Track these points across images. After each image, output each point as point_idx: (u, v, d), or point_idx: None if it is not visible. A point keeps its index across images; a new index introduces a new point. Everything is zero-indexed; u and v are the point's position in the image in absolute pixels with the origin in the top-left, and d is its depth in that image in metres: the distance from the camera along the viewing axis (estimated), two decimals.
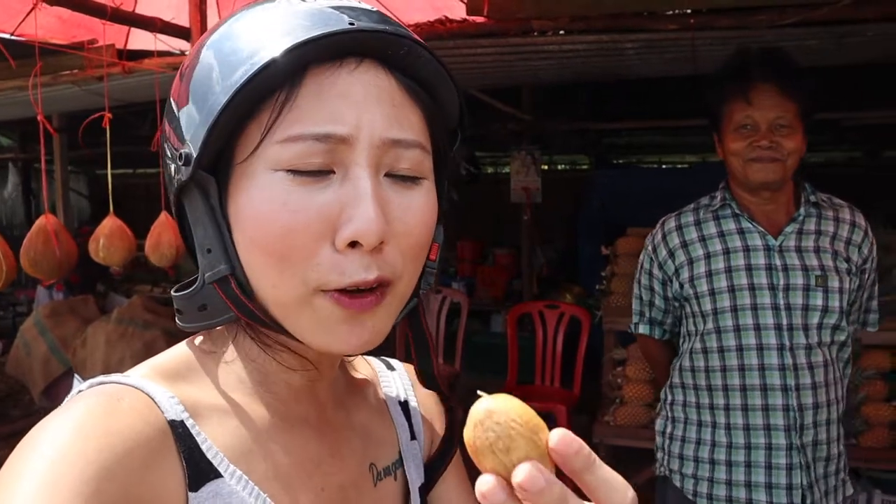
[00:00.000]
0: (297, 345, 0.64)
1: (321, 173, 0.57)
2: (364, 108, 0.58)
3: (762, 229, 1.84)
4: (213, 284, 0.62)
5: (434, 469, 0.80)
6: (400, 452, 0.78)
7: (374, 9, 0.62)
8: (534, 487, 0.39)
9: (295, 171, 0.57)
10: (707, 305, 1.84)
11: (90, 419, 0.55)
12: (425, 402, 0.85)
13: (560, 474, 0.42)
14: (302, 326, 0.61)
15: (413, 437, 0.81)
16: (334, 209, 0.57)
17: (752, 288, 1.80)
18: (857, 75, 3.88)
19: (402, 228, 0.60)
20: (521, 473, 0.40)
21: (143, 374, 0.63)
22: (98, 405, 0.56)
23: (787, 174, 1.79)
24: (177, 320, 0.67)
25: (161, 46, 3.11)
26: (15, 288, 7.41)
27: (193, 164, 0.58)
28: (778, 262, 1.81)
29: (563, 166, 10.01)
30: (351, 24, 0.57)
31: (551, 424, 0.42)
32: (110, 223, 2.93)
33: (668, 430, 1.98)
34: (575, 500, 0.41)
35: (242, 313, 0.62)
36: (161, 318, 5.04)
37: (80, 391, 0.60)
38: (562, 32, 2.98)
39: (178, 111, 0.61)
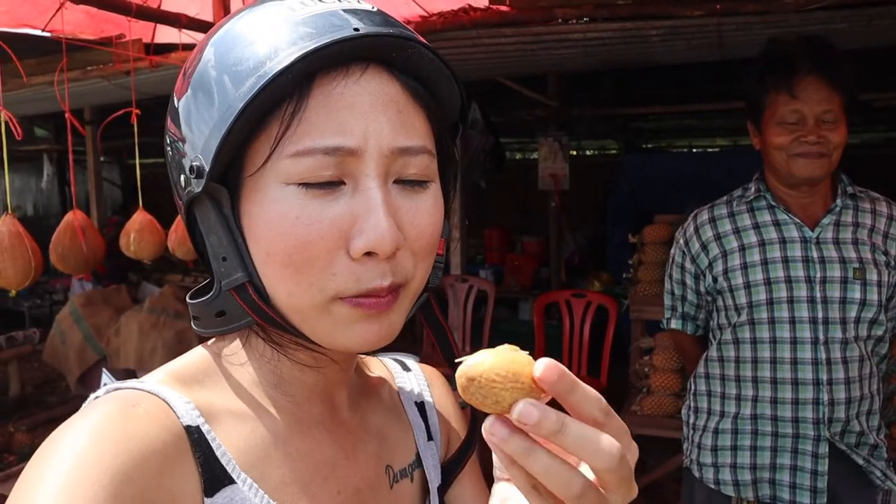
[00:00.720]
0: (312, 345, 0.65)
1: (332, 185, 0.58)
2: (371, 117, 0.58)
3: (798, 221, 1.81)
4: (230, 291, 0.62)
5: (451, 470, 0.81)
6: (417, 454, 0.78)
7: (376, 9, 0.61)
8: (530, 420, 0.45)
9: (306, 185, 0.57)
10: (742, 299, 1.81)
11: (107, 425, 0.55)
12: (442, 402, 0.85)
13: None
14: (319, 330, 0.62)
15: (430, 437, 0.81)
16: (347, 220, 0.58)
17: (789, 280, 1.77)
18: (886, 55, 3.78)
19: (414, 232, 0.61)
20: (516, 413, 0.46)
21: (159, 379, 0.63)
22: (114, 411, 0.57)
23: (831, 168, 1.75)
24: (193, 326, 0.68)
25: (186, 40, 3.14)
26: (50, 277, 7.59)
27: (206, 177, 0.58)
28: (815, 254, 1.78)
29: (591, 152, 9.92)
30: (356, 29, 0.57)
31: None
32: (140, 218, 2.98)
33: (692, 420, 1.97)
34: (573, 421, 0.47)
35: (261, 318, 0.63)
36: None
37: (96, 397, 0.61)
38: (585, 20, 2.94)
39: (183, 111, 0.61)
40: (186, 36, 3.19)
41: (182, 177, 0.61)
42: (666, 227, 3.92)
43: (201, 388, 0.64)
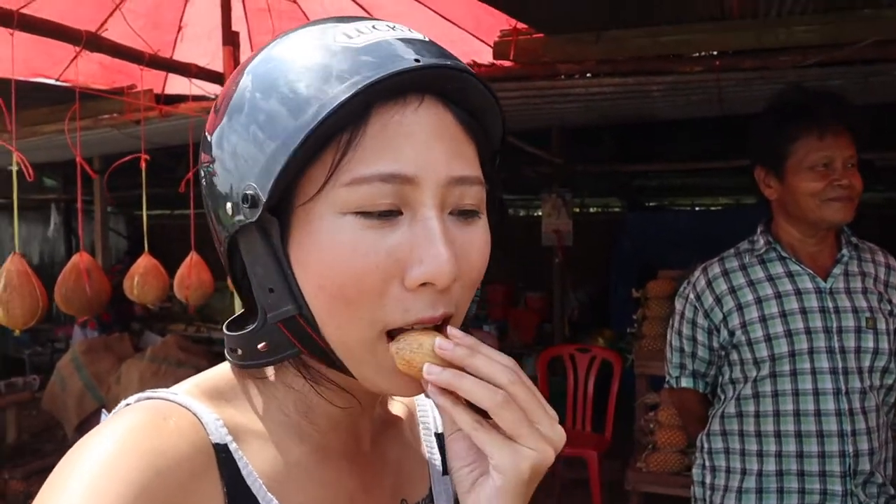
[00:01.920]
0: (348, 383, 0.64)
1: (390, 214, 0.57)
2: (428, 146, 0.58)
3: (811, 272, 1.80)
4: (276, 324, 0.61)
5: None
6: (431, 488, 0.78)
7: (428, 38, 0.61)
8: (447, 346, 0.57)
9: (364, 214, 0.56)
10: (763, 352, 1.78)
11: (135, 436, 0.55)
12: None
13: None
14: (363, 370, 0.61)
15: (445, 471, 0.79)
16: (404, 250, 0.57)
17: (809, 332, 1.75)
18: (888, 114, 3.83)
19: (467, 266, 0.60)
20: (438, 342, 0.57)
21: (188, 391, 0.63)
22: (144, 422, 0.56)
23: (854, 213, 1.75)
24: (230, 359, 0.66)
25: (196, 91, 3.21)
26: (54, 325, 7.57)
27: (262, 206, 0.56)
28: (830, 304, 1.77)
29: (595, 209, 9.98)
30: (416, 60, 0.56)
31: (582, 469, 0.53)
32: (145, 262, 3.00)
33: (709, 479, 1.91)
34: (485, 348, 0.58)
35: (310, 351, 0.63)
36: (193, 357, 5.11)
37: (127, 404, 0.60)
38: (588, 76, 3.00)
39: (224, 141, 0.60)
40: (196, 87, 3.27)
41: (228, 205, 0.59)
42: (669, 283, 3.93)
43: (229, 405, 0.64)
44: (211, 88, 3.33)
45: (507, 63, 3.05)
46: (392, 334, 0.60)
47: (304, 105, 0.55)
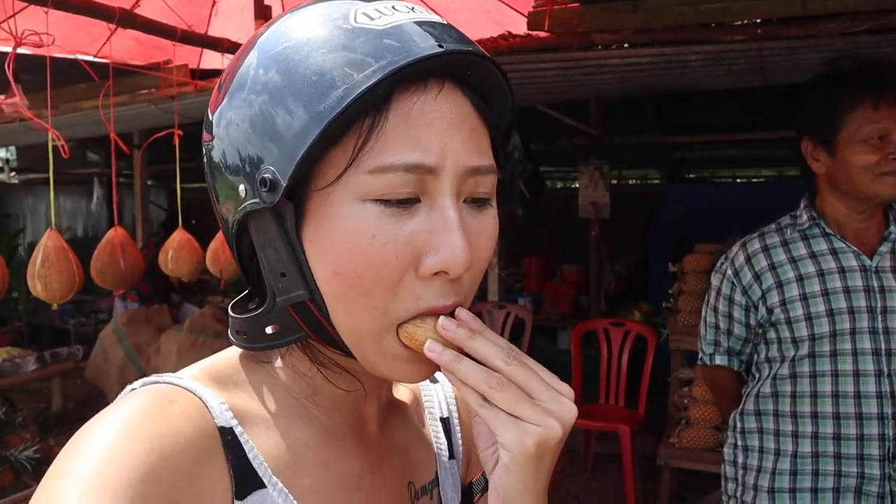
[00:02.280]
0: (353, 366, 0.65)
1: (409, 202, 0.57)
2: (448, 135, 0.57)
3: (856, 249, 1.74)
4: (286, 307, 0.61)
5: (475, 490, 0.80)
6: (437, 472, 0.78)
7: (447, 22, 0.61)
8: (449, 326, 0.58)
9: (384, 202, 0.56)
10: (802, 331, 1.74)
11: (141, 419, 0.55)
12: (467, 420, 0.84)
13: None
14: (370, 358, 0.62)
15: (452, 455, 0.80)
16: (421, 238, 0.57)
17: (852, 311, 1.70)
18: None
19: (477, 254, 0.60)
20: (441, 322, 0.59)
21: (194, 375, 0.63)
22: (150, 406, 0.57)
23: None
24: (235, 340, 0.66)
25: None
26: (97, 296, 7.76)
27: (282, 191, 0.55)
28: (875, 283, 1.71)
29: (633, 181, 9.84)
30: (440, 46, 0.56)
31: (615, 444, 0.54)
32: (179, 236, 3.04)
33: (741, 459, 1.88)
34: (488, 332, 0.59)
35: (319, 336, 0.63)
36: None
37: (132, 388, 0.61)
38: (625, 46, 2.93)
39: (239, 121, 0.58)
40: (229, 61, 3.27)
41: (242, 187, 0.58)
42: (706, 257, 3.87)
43: (235, 388, 0.64)
44: None
45: (541, 34, 2.99)
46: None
47: (327, 88, 0.54)
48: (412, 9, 0.59)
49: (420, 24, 0.57)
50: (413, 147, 0.56)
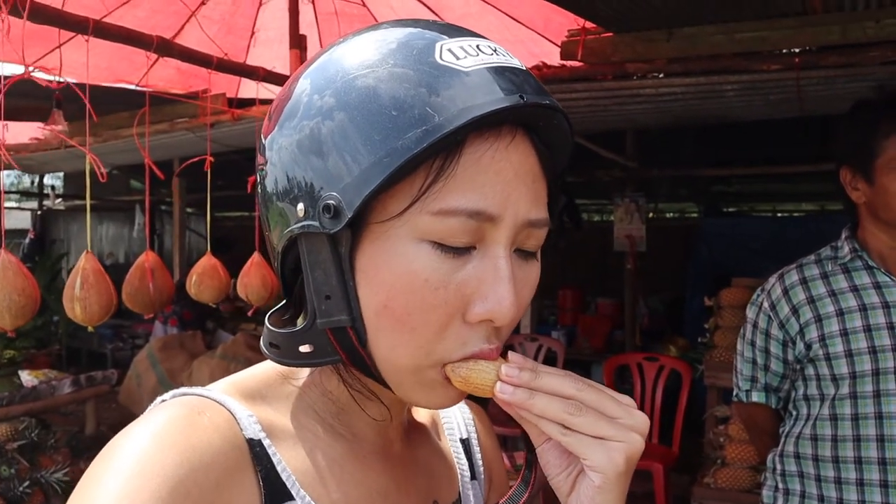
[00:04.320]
0: (383, 393, 0.66)
1: (466, 250, 0.57)
2: (513, 186, 0.58)
3: None
4: (325, 330, 0.61)
5: None
6: (460, 492, 0.78)
7: (526, 68, 0.60)
8: (513, 373, 0.58)
9: (442, 246, 0.56)
10: (843, 368, 1.66)
11: (171, 431, 0.56)
12: (486, 441, 0.85)
13: None
14: (404, 386, 0.62)
15: (473, 476, 0.80)
16: (471, 285, 0.57)
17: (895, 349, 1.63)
18: None
19: (519, 303, 0.60)
20: (504, 369, 0.59)
21: (223, 389, 0.64)
22: (179, 418, 0.57)
23: None
24: (268, 353, 0.66)
25: (264, 94, 3.27)
26: (134, 321, 7.89)
27: (347, 220, 0.55)
28: None
29: (671, 214, 9.73)
30: (521, 97, 0.56)
31: (647, 483, 0.53)
32: (205, 262, 3.07)
33: (781, 503, 1.79)
34: (544, 366, 0.59)
35: (353, 363, 0.62)
36: (262, 356, 5.22)
37: (163, 400, 0.62)
38: (659, 75, 2.91)
39: (308, 142, 0.58)
40: (266, 90, 3.33)
41: (300, 206, 0.58)
42: (744, 291, 3.78)
43: (263, 403, 0.64)
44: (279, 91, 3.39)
45: (575, 63, 2.99)
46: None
47: (407, 125, 0.54)
48: (495, 50, 0.59)
49: (503, 69, 0.57)
50: (479, 194, 0.56)
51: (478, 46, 0.58)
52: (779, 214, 9.01)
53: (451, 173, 0.55)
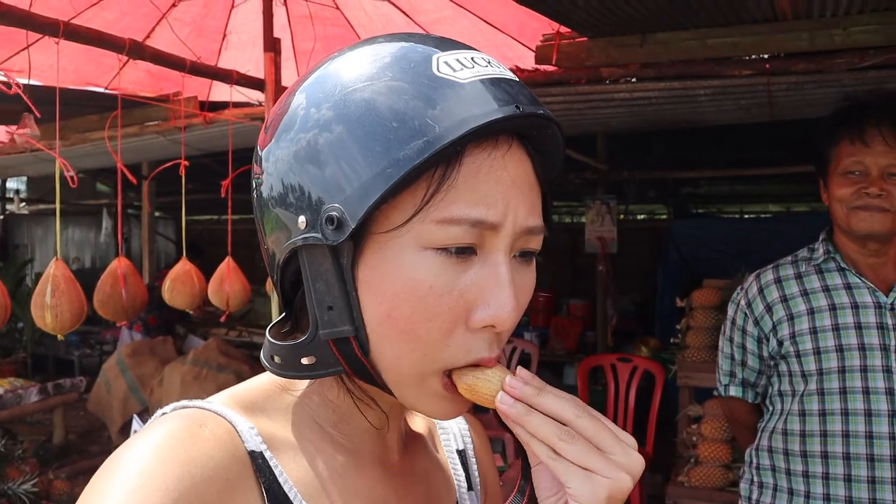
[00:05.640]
0: (380, 397, 0.66)
1: (467, 251, 0.58)
2: (511, 194, 0.59)
3: (871, 285, 1.72)
4: (328, 341, 0.61)
5: None
6: (457, 502, 0.78)
7: (519, 80, 0.62)
8: (516, 385, 0.59)
9: (444, 251, 0.57)
10: (810, 365, 1.71)
11: (172, 444, 0.56)
12: (481, 452, 0.86)
13: None
14: (408, 394, 0.63)
15: (470, 487, 0.81)
16: (473, 291, 0.59)
17: (863, 348, 1.67)
18: None
19: (520, 308, 0.62)
20: (508, 381, 0.59)
21: (223, 401, 0.63)
22: (180, 430, 0.57)
23: (895, 226, 1.67)
24: (268, 366, 0.66)
25: (238, 97, 3.23)
26: (102, 327, 7.75)
27: (349, 232, 0.56)
28: (890, 321, 1.68)
29: (642, 216, 9.84)
30: (517, 107, 0.57)
31: None
32: (179, 267, 3.02)
33: (755, 495, 1.85)
34: (550, 387, 0.59)
35: (356, 372, 0.63)
36: (234, 362, 5.15)
37: (163, 413, 0.61)
38: (633, 80, 2.94)
39: (306, 155, 0.58)
40: (239, 94, 3.29)
41: (301, 219, 0.58)
42: (715, 292, 3.83)
43: (263, 415, 0.65)
44: (253, 95, 3.36)
45: (549, 67, 3.00)
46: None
47: (407, 136, 0.55)
48: (489, 63, 0.61)
49: (499, 81, 0.59)
50: (479, 203, 0.57)
51: (472, 59, 0.60)
52: (746, 216, 9.16)
53: (451, 183, 0.56)
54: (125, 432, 5.28)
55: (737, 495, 1.95)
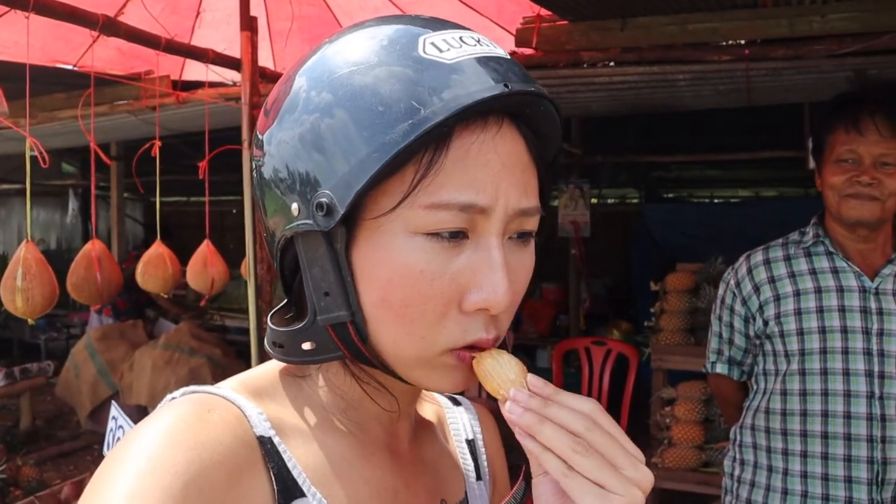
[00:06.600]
0: (388, 381, 0.66)
1: (458, 235, 0.58)
2: (502, 177, 0.58)
3: (857, 269, 1.75)
4: (326, 327, 0.62)
5: None
6: (466, 492, 0.78)
7: (510, 57, 0.61)
8: (521, 398, 0.57)
9: (435, 235, 0.57)
10: (793, 345, 1.75)
11: (181, 428, 0.56)
12: (491, 442, 0.86)
13: None
14: (415, 373, 0.63)
15: (479, 477, 0.81)
16: (466, 275, 0.58)
17: (845, 330, 1.71)
18: None
19: (515, 289, 0.61)
20: (511, 395, 0.58)
21: (232, 386, 0.63)
22: (189, 415, 0.57)
23: (885, 215, 1.70)
24: (272, 352, 0.67)
25: (213, 77, 3.17)
26: (69, 311, 7.60)
27: (339, 218, 0.56)
28: (873, 305, 1.72)
29: (613, 200, 9.89)
30: (505, 85, 0.56)
31: None
32: (153, 251, 2.97)
33: (737, 472, 1.90)
34: (563, 395, 0.57)
35: (355, 356, 0.63)
36: (206, 346, 5.10)
37: (172, 398, 0.61)
38: (612, 64, 2.94)
39: (297, 142, 0.59)
40: (214, 73, 3.23)
41: (294, 206, 0.59)
42: (688, 276, 3.88)
43: (271, 401, 0.64)
44: (228, 74, 3.30)
45: (529, 51, 2.99)
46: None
47: (393, 120, 0.55)
48: (478, 41, 0.60)
49: (487, 59, 0.58)
50: (469, 186, 0.57)
51: (461, 38, 0.59)
52: (716, 200, 9.26)
53: (439, 167, 0.56)
54: (94, 417, 5.20)
55: (710, 475, 2.01)
